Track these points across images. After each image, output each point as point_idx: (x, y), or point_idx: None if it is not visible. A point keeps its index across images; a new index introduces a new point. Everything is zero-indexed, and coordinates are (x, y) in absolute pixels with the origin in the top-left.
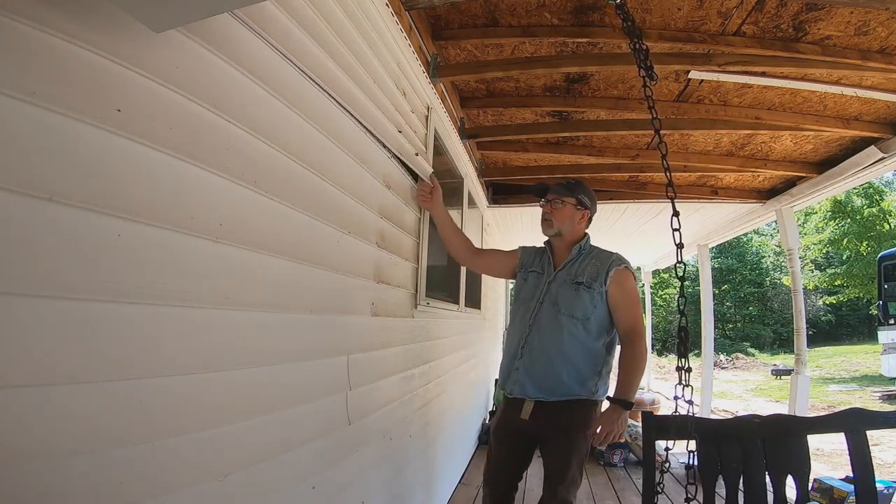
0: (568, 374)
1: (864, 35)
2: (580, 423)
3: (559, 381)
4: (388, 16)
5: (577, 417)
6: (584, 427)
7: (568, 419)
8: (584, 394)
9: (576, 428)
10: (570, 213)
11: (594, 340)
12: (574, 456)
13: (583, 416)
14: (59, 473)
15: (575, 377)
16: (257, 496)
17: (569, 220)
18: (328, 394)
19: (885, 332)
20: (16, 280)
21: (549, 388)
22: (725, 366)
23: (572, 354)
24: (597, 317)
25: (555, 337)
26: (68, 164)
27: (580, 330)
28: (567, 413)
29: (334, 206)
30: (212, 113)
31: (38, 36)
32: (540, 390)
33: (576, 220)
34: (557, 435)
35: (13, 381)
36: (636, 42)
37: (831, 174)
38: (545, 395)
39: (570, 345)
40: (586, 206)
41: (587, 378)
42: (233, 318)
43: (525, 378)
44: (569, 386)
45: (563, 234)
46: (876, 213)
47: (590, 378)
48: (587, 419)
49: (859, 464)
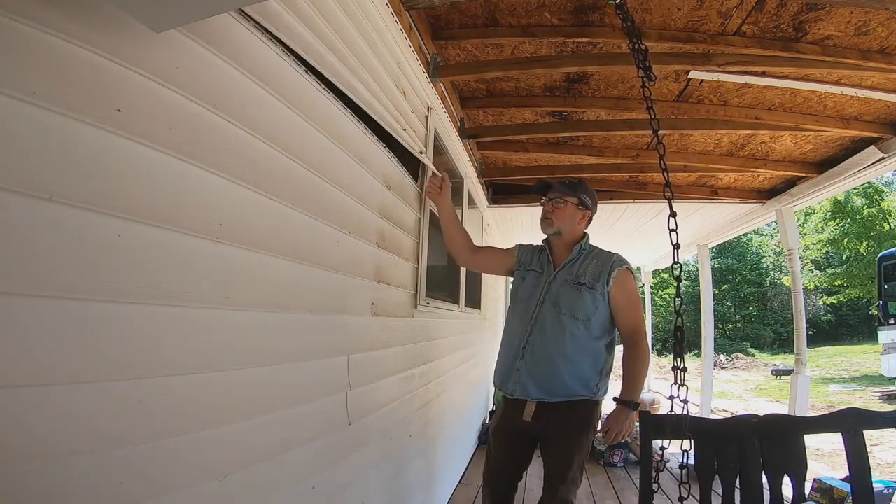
0: (570, 374)
1: (864, 35)
2: (582, 423)
3: (561, 381)
4: (388, 16)
5: (580, 417)
6: (587, 427)
7: (570, 419)
8: (586, 394)
9: (578, 428)
10: (572, 212)
11: (596, 341)
12: (576, 455)
13: (585, 416)
14: (59, 473)
15: (577, 378)
16: (257, 496)
17: (569, 219)
18: (328, 394)
19: (885, 332)
20: (16, 280)
21: (552, 389)
22: (725, 366)
23: (574, 355)
24: (598, 317)
25: (557, 337)
26: (68, 164)
27: (582, 330)
28: (569, 413)
29: (334, 206)
30: (212, 113)
31: (38, 36)
32: (542, 391)
33: (576, 220)
34: (559, 435)
35: (13, 381)
36: (635, 42)
37: (831, 174)
38: (547, 395)
39: (572, 345)
40: (588, 206)
41: (589, 378)
42: (233, 318)
43: (527, 379)
44: (571, 386)
45: (562, 233)
46: (876, 213)
47: (591, 378)
48: (589, 419)
49: (856, 464)
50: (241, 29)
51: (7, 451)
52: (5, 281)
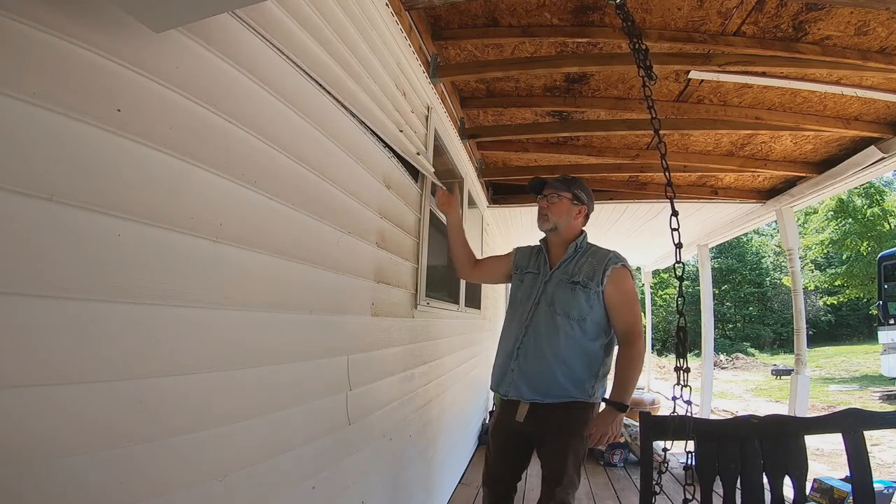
0: (563, 375)
1: (864, 35)
2: (576, 426)
3: (554, 382)
4: (388, 16)
5: (573, 420)
6: (580, 429)
7: (563, 421)
8: (580, 396)
9: (571, 430)
10: (567, 207)
11: (591, 341)
12: (570, 458)
13: (579, 418)
14: (60, 473)
15: (570, 379)
16: (257, 496)
17: (565, 214)
18: (328, 394)
19: (885, 332)
20: (16, 280)
21: (544, 390)
22: (725, 366)
23: (568, 356)
24: (593, 317)
25: (550, 338)
26: (68, 164)
27: (576, 330)
28: (562, 415)
29: (334, 205)
30: (212, 113)
31: (38, 36)
32: (535, 392)
33: (572, 216)
34: (553, 437)
35: (13, 381)
36: (636, 42)
37: (831, 174)
38: (540, 396)
39: (566, 346)
40: (583, 201)
41: (584, 380)
42: (233, 317)
43: (520, 380)
44: (564, 388)
45: (558, 228)
46: (877, 212)
47: (586, 380)
48: (583, 421)
49: (856, 464)
50: (242, 29)
51: (7, 451)
52: (5, 281)
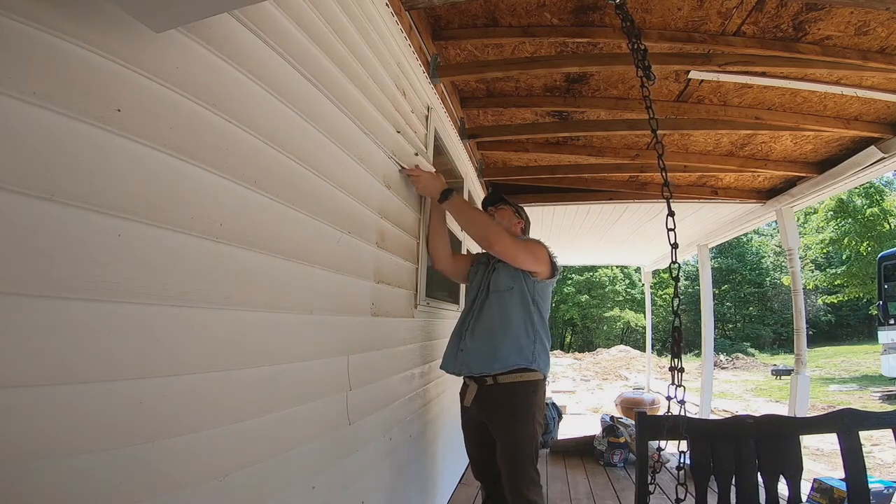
0: (502, 342)
1: (864, 35)
2: (520, 411)
3: (497, 350)
4: (388, 16)
5: (517, 405)
6: (524, 414)
7: (506, 410)
8: (522, 362)
9: (516, 418)
10: (510, 215)
11: (521, 309)
12: (518, 453)
13: (522, 402)
14: (60, 473)
15: (511, 345)
16: (257, 496)
17: (507, 219)
18: (328, 394)
19: (885, 332)
20: (16, 280)
21: (490, 359)
22: (725, 366)
23: (505, 324)
24: (519, 286)
25: (490, 312)
26: (68, 164)
27: (507, 299)
28: (505, 400)
29: (334, 205)
30: (212, 113)
31: (38, 36)
32: (482, 363)
33: (513, 222)
34: (498, 429)
35: (13, 381)
36: (635, 42)
37: (831, 174)
38: (486, 367)
39: (500, 314)
40: (521, 216)
41: (523, 346)
42: (233, 317)
43: (468, 356)
44: (506, 355)
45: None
46: (877, 212)
47: (526, 346)
48: (526, 405)
49: (852, 464)
50: (242, 29)
51: (8, 451)
52: (5, 281)
